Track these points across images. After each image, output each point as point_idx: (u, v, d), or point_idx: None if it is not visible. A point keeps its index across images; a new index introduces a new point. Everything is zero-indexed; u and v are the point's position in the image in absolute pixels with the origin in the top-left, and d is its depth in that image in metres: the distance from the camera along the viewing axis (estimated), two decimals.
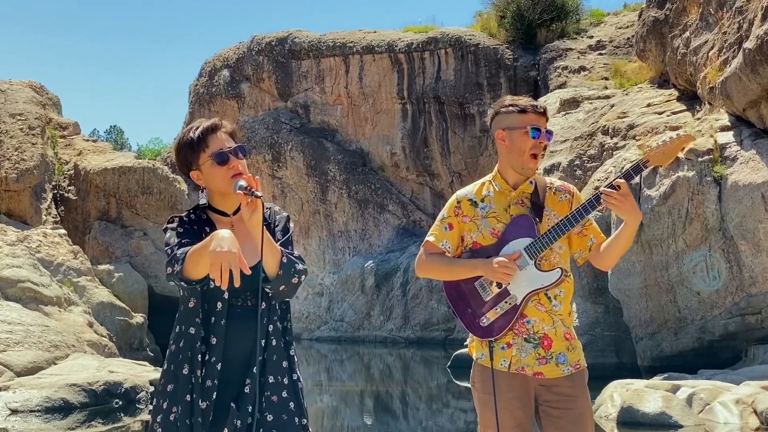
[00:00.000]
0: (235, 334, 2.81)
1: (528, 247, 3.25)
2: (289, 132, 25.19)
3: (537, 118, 3.29)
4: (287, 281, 2.79)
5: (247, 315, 2.84)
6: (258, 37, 26.49)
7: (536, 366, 3.25)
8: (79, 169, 18.94)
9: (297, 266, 2.81)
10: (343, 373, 17.28)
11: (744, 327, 10.82)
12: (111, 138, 56.79)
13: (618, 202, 3.15)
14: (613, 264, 3.40)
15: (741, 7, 11.67)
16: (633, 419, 8.44)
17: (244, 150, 2.93)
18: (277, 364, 2.86)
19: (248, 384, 2.79)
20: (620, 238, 3.28)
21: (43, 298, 13.06)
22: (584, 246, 3.38)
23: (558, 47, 22.04)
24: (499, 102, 3.42)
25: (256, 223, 2.72)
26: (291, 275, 2.79)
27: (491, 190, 3.39)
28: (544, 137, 3.29)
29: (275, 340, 2.86)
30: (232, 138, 2.94)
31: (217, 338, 2.80)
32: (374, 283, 22.79)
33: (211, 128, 2.91)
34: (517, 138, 3.29)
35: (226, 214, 2.93)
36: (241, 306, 2.84)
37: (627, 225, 3.24)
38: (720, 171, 10.94)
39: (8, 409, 9.25)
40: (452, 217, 3.40)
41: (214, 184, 2.88)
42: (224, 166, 2.85)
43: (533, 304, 3.27)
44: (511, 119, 3.31)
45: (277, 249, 2.78)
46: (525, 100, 3.35)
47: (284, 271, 2.78)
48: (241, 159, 2.89)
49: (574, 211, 3.25)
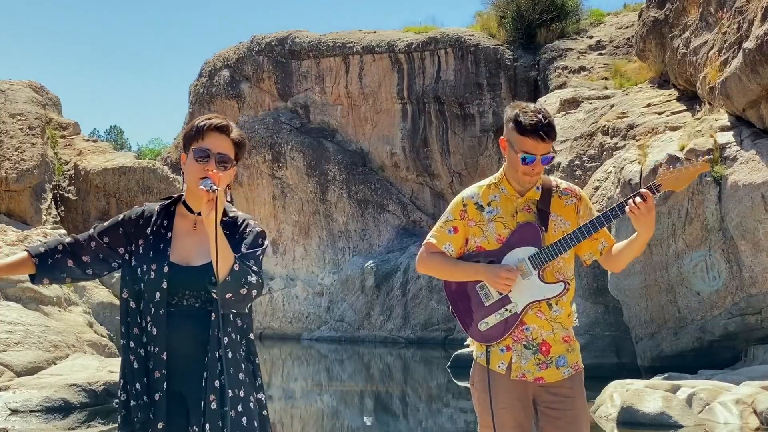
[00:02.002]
0: (178, 331, 2.77)
1: (533, 257, 3.23)
2: (289, 132, 25.19)
3: (534, 144, 3.17)
4: (234, 289, 2.70)
5: (188, 314, 2.79)
6: (258, 37, 26.49)
7: (537, 371, 3.26)
8: (79, 169, 18.94)
9: (249, 277, 2.72)
10: (343, 373, 17.28)
11: (744, 327, 10.82)
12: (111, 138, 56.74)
13: (641, 215, 3.12)
14: (623, 267, 3.39)
15: (741, 7, 11.67)
16: (633, 419, 8.45)
17: (227, 162, 2.83)
18: (235, 377, 2.77)
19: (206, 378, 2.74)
20: (633, 247, 3.27)
21: (43, 298, 13.06)
22: (594, 250, 3.35)
23: (558, 47, 22.04)
24: (513, 106, 3.29)
25: (210, 221, 2.66)
26: (240, 284, 2.70)
27: (497, 194, 3.34)
28: (539, 163, 3.20)
29: (231, 352, 2.76)
30: (235, 146, 2.89)
31: (158, 330, 2.77)
32: (374, 283, 22.79)
33: (217, 126, 2.87)
34: (512, 157, 3.26)
35: (193, 212, 2.89)
36: (176, 305, 2.79)
37: (640, 236, 3.23)
38: (720, 171, 10.94)
39: (8, 409, 9.25)
40: (457, 220, 3.35)
41: (188, 176, 2.86)
42: (199, 164, 2.80)
43: (533, 312, 3.26)
44: (511, 135, 3.25)
45: (230, 254, 2.70)
46: (532, 117, 3.18)
47: (233, 278, 2.69)
48: (223, 170, 2.81)
49: (588, 223, 3.21)
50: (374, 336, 22.53)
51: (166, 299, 2.78)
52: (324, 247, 24.79)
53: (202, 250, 2.80)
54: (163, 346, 2.76)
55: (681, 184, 3.21)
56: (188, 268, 2.81)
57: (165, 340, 2.76)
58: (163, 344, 2.76)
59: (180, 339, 2.77)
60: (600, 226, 3.21)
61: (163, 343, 2.76)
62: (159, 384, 2.76)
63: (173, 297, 2.80)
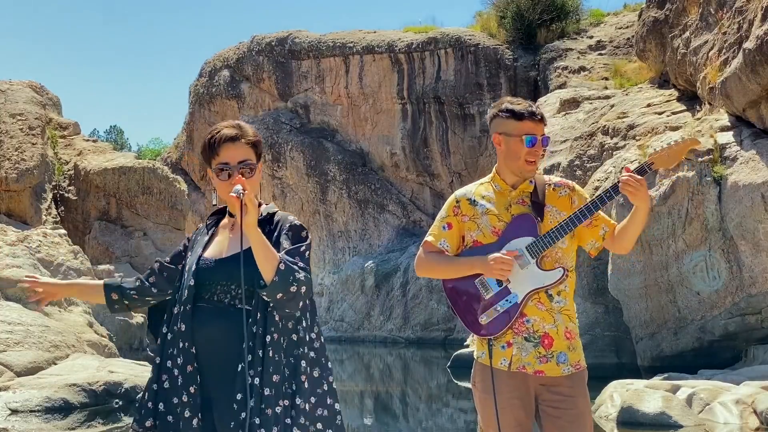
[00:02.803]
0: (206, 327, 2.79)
1: (530, 246, 3.25)
2: (289, 132, 25.19)
3: (533, 126, 3.28)
4: (284, 289, 2.71)
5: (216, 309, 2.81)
6: (258, 37, 26.50)
7: (537, 364, 3.25)
8: (79, 169, 18.94)
9: (297, 275, 2.73)
10: (343, 373, 17.28)
11: (744, 327, 10.82)
12: (111, 138, 56.77)
13: (635, 189, 3.18)
14: (631, 246, 3.41)
15: (741, 7, 11.68)
16: (633, 419, 8.44)
17: (250, 166, 2.89)
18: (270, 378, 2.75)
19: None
20: (635, 221, 3.31)
21: None
22: (597, 236, 3.37)
23: (558, 47, 22.05)
24: (497, 104, 3.41)
25: (247, 225, 2.71)
26: (289, 283, 2.71)
27: (491, 191, 3.39)
28: (540, 144, 3.29)
29: (272, 352, 2.75)
30: (253, 147, 2.92)
31: (186, 325, 2.81)
32: (374, 283, 22.79)
33: (228, 138, 2.89)
34: (513, 145, 3.30)
35: (233, 216, 2.95)
36: (208, 300, 2.82)
37: (639, 209, 3.27)
38: (720, 171, 10.94)
39: (8, 409, 9.25)
40: (451, 216, 3.39)
41: (219, 193, 2.93)
42: (224, 181, 2.87)
43: (533, 303, 3.26)
44: (507, 125, 3.30)
45: (273, 254, 2.73)
46: (522, 104, 3.33)
47: (280, 278, 2.70)
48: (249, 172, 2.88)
49: (583, 207, 3.25)
50: (374, 336, 22.53)
51: (194, 295, 2.81)
52: (324, 247, 24.80)
53: (233, 245, 2.84)
54: (190, 341, 2.79)
55: (672, 161, 3.27)
56: (217, 260, 2.85)
57: (191, 335, 2.78)
58: (190, 339, 2.79)
59: (208, 335, 2.79)
60: (595, 209, 3.25)
61: (190, 337, 2.79)
62: (192, 378, 2.79)
63: (205, 293, 2.83)
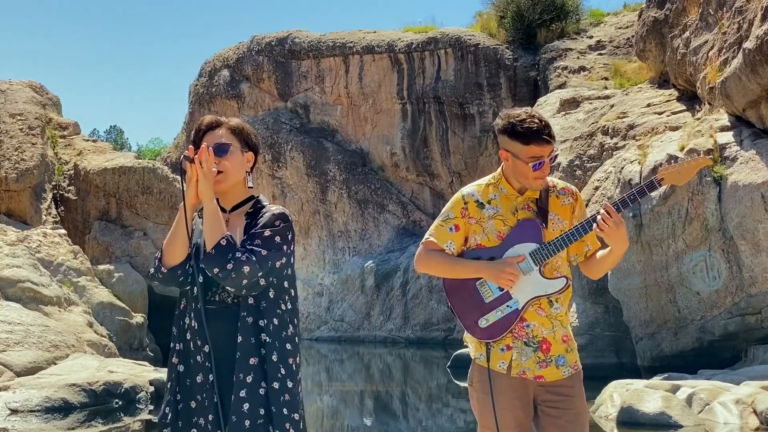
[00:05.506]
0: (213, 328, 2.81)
1: (534, 253, 3.23)
2: (289, 132, 25.19)
3: (540, 149, 3.20)
4: (220, 264, 2.71)
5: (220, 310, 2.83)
6: (258, 37, 26.49)
7: (537, 370, 3.26)
8: (79, 169, 18.93)
9: (237, 254, 2.73)
10: (343, 373, 17.28)
11: (744, 327, 10.82)
12: (111, 138, 56.74)
13: (610, 231, 3.15)
14: (600, 276, 3.45)
15: (741, 7, 11.68)
16: (633, 419, 8.44)
17: (223, 148, 2.87)
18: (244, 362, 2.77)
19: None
20: (607, 261, 3.33)
21: (43, 298, 13.05)
22: (580, 252, 3.38)
23: (558, 47, 22.03)
24: (504, 116, 3.29)
25: (200, 192, 2.77)
26: (226, 260, 2.71)
27: (497, 194, 3.34)
28: (548, 165, 3.24)
29: (242, 337, 2.77)
30: (233, 133, 2.92)
31: (198, 323, 2.81)
32: (374, 283, 22.79)
33: (208, 126, 2.92)
34: (520, 166, 3.25)
35: (225, 210, 2.95)
36: (210, 300, 2.83)
37: (613, 251, 3.26)
38: (720, 171, 10.94)
39: (8, 409, 9.25)
40: (459, 218, 3.33)
41: None
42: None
43: (534, 309, 3.26)
44: (513, 146, 3.24)
45: (220, 228, 2.75)
46: (528, 122, 3.20)
47: (216, 253, 2.72)
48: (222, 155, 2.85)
49: (585, 222, 3.23)
50: (374, 336, 22.53)
51: (202, 292, 2.81)
52: (324, 247, 24.79)
53: None
54: (204, 339, 2.78)
55: (683, 178, 3.22)
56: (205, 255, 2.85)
57: (205, 332, 2.78)
58: (204, 337, 2.78)
59: (216, 335, 2.79)
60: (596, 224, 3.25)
61: (204, 335, 2.78)
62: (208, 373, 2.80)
63: (208, 292, 2.84)
